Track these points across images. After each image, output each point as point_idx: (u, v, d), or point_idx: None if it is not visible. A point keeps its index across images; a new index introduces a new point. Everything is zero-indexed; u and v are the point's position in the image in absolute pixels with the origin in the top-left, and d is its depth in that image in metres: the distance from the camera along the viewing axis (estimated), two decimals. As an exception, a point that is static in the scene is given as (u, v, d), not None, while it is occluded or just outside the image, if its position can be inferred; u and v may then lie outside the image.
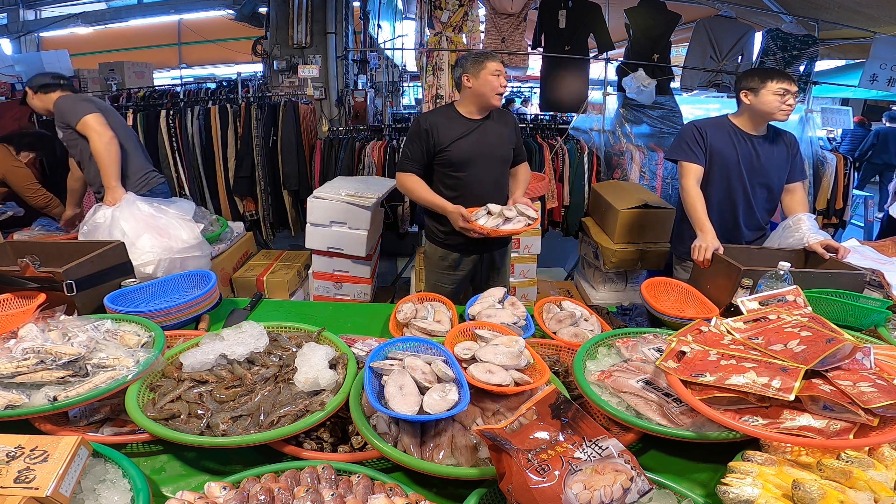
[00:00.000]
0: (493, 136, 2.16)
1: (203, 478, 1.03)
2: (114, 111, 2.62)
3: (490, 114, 2.18)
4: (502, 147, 2.20)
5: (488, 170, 2.18)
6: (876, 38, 4.30)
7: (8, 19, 6.61)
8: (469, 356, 1.25)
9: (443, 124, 2.11)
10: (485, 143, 2.14)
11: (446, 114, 2.16)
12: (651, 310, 1.73)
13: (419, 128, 2.12)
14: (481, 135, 2.14)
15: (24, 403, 1.07)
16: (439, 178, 2.19)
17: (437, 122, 2.12)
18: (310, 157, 4.18)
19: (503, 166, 2.25)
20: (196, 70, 8.54)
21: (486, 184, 2.18)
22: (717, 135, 2.12)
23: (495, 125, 2.18)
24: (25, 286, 1.52)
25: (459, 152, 2.11)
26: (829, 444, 0.92)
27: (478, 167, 2.15)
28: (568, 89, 4.44)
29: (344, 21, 4.45)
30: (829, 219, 4.48)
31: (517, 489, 0.83)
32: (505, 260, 2.43)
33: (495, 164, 2.20)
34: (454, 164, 2.13)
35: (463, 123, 2.13)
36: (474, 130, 2.13)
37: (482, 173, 2.16)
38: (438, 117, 2.14)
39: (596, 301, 3.21)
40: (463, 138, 2.11)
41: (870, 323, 1.57)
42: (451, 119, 2.14)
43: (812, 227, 2.01)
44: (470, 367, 1.19)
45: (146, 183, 2.55)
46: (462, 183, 2.15)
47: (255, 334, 1.34)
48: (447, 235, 2.23)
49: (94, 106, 2.37)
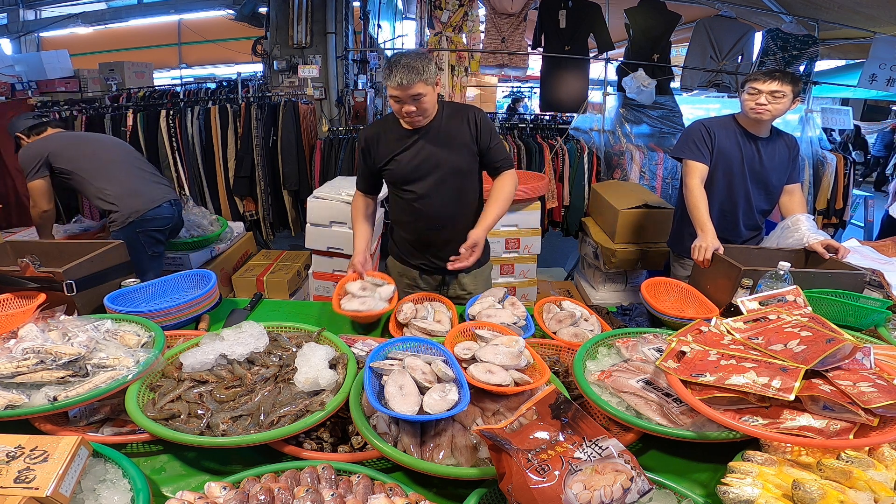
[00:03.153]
0: (440, 143, 1.81)
1: (203, 478, 1.03)
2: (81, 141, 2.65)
3: (437, 121, 1.81)
4: (454, 156, 1.82)
5: (440, 186, 1.84)
6: (875, 38, 4.30)
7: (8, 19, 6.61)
8: (469, 356, 1.26)
9: (381, 137, 1.86)
10: (429, 154, 1.81)
11: (384, 125, 1.88)
12: (651, 310, 1.73)
13: (360, 142, 1.93)
14: (422, 145, 1.81)
15: (24, 403, 1.07)
16: (392, 200, 1.97)
17: (375, 135, 1.87)
18: (310, 157, 4.18)
19: (461, 179, 1.87)
20: (196, 70, 8.53)
21: (441, 204, 1.86)
22: (725, 135, 2.13)
23: (445, 128, 1.82)
24: (25, 286, 1.53)
25: (399, 169, 1.83)
26: (829, 444, 0.92)
27: (425, 184, 1.84)
28: (568, 89, 4.44)
29: (344, 21, 4.45)
30: (829, 219, 4.49)
31: (517, 489, 0.83)
32: (478, 279, 2.06)
33: (448, 178, 1.84)
34: (397, 184, 1.88)
35: (401, 134, 1.83)
36: (415, 142, 1.81)
37: (432, 191, 1.84)
38: (376, 129, 1.89)
39: (596, 301, 3.21)
40: (402, 153, 1.82)
41: (870, 323, 1.57)
42: (388, 131, 1.85)
43: (811, 227, 2.01)
44: (470, 367, 1.19)
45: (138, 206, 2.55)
46: (412, 205, 1.88)
47: (255, 334, 1.34)
48: (406, 254, 2.02)
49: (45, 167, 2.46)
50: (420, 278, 2.05)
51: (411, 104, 1.69)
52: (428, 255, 1.98)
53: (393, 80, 1.64)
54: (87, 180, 2.51)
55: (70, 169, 2.49)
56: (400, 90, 1.65)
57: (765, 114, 2.00)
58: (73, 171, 2.50)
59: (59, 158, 2.48)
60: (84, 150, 2.57)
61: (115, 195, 2.52)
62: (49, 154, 2.46)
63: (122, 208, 2.51)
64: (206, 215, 3.22)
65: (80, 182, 2.52)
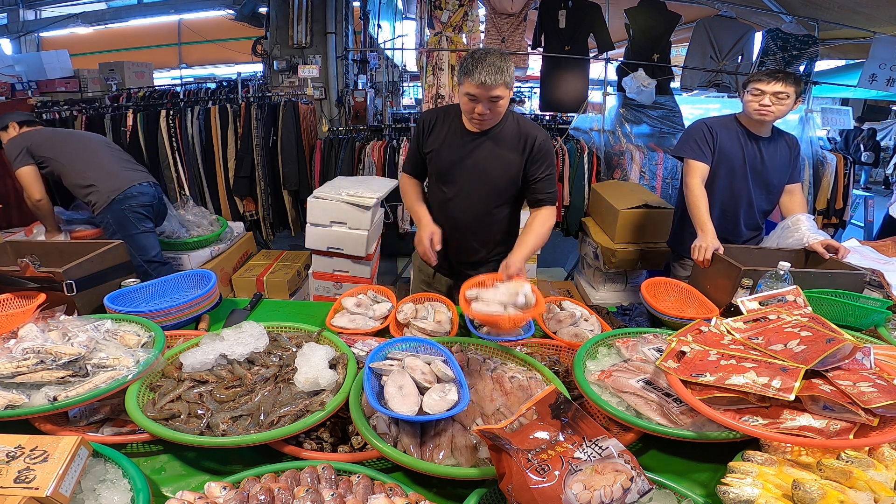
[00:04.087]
0: (490, 156, 1.77)
1: (203, 478, 1.03)
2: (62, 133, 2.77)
3: (498, 131, 1.76)
4: (497, 173, 1.79)
5: (472, 196, 1.82)
6: (875, 38, 4.30)
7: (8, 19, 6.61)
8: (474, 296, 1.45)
9: (438, 125, 1.82)
10: (474, 161, 1.78)
11: (447, 114, 1.83)
12: (651, 310, 1.73)
13: (418, 122, 1.90)
14: (473, 150, 1.78)
15: (24, 403, 1.07)
16: (429, 187, 1.95)
17: (433, 119, 1.84)
18: (310, 157, 4.18)
19: (495, 198, 1.84)
20: (196, 70, 8.54)
21: (467, 213, 1.84)
22: (726, 135, 2.12)
23: (501, 144, 1.77)
24: (25, 286, 1.52)
25: (439, 162, 1.81)
26: (829, 444, 0.92)
27: (457, 187, 1.82)
28: (568, 89, 4.44)
29: (344, 21, 4.46)
30: (829, 219, 4.48)
31: (517, 489, 0.83)
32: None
33: (482, 192, 1.81)
34: (435, 175, 1.87)
35: (457, 129, 1.80)
36: (468, 143, 1.78)
37: (463, 197, 1.83)
38: (437, 114, 1.84)
39: (596, 301, 3.21)
40: (449, 147, 1.79)
41: (870, 323, 1.57)
42: (447, 120, 1.82)
43: (811, 227, 2.01)
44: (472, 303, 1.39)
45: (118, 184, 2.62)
46: (442, 203, 1.87)
47: (255, 334, 1.34)
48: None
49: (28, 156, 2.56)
50: (434, 277, 2.06)
51: (486, 105, 1.62)
52: (448, 254, 1.94)
53: (475, 78, 1.55)
54: (67, 165, 2.60)
55: (50, 156, 2.59)
56: (481, 89, 1.57)
57: (769, 115, 1.99)
58: (53, 158, 2.59)
59: (40, 147, 2.58)
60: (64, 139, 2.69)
61: (94, 177, 2.60)
62: (31, 143, 2.57)
63: (101, 188, 2.59)
64: (206, 215, 3.22)
65: (60, 167, 2.60)
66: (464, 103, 1.67)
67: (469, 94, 1.61)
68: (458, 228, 1.88)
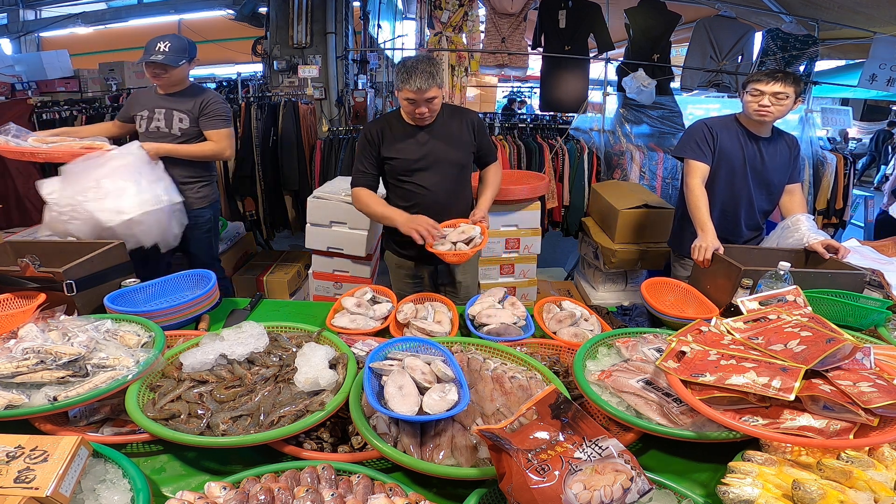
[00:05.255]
0: (443, 139, 2.01)
1: (203, 478, 1.03)
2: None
3: (440, 119, 2.01)
4: (456, 152, 2.04)
5: (442, 178, 2.03)
6: (875, 38, 4.30)
7: (8, 19, 6.61)
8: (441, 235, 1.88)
9: (386, 132, 2.00)
10: (432, 148, 2.00)
11: (387, 121, 2.03)
12: (651, 310, 1.73)
13: (363, 138, 2.03)
14: (426, 139, 1.99)
15: (24, 403, 1.07)
16: (391, 189, 2.10)
17: (379, 129, 2.00)
18: (310, 157, 4.18)
19: (459, 172, 2.08)
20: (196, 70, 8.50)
21: (442, 194, 2.05)
22: (727, 135, 2.12)
23: (447, 127, 2.02)
24: (25, 286, 1.52)
25: (404, 161, 2.00)
26: (829, 444, 0.92)
27: (427, 175, 2.02)
28: (568, 89, 4.44)
29: (344, 21, 4.45)
30: (829, 219, 4.49)
31: (517, 489, 0.83)
32: (467, 268, 2.28)
33: (449, 171, 2.04)
34: (400, 175, 2.03)
35: (406, 129, 1.99)
36: (419, 136, 1.99)
37: (434, 183, 2.03)
38: (380, 125, 2.02)
39: (596, 301, 3.21)
40: (408, 146, 1.99)
41: (870, 323, 1.57)
42: (392, 126, 2.01)
43: (811, 227, 2.01)
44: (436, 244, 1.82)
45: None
46: (413, 195, 2.04)
47: (255, 334, 1.34)
48: (402, 245, 2.14)
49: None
50: (416, 267, 2.19)
51: (425, 106, 1.87)
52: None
53: (412, 85, 1.80)
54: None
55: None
56: (418, 94, 1.82)
57: (768, 116, 1.99)
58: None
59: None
60: None
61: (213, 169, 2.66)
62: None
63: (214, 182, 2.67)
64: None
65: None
66: (405, 106, 1.91)
67: (409, 99, 1.86)
68: (436, 211, 2.01)
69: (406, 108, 1.91)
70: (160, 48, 2.28)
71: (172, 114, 2.41)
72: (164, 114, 2.41)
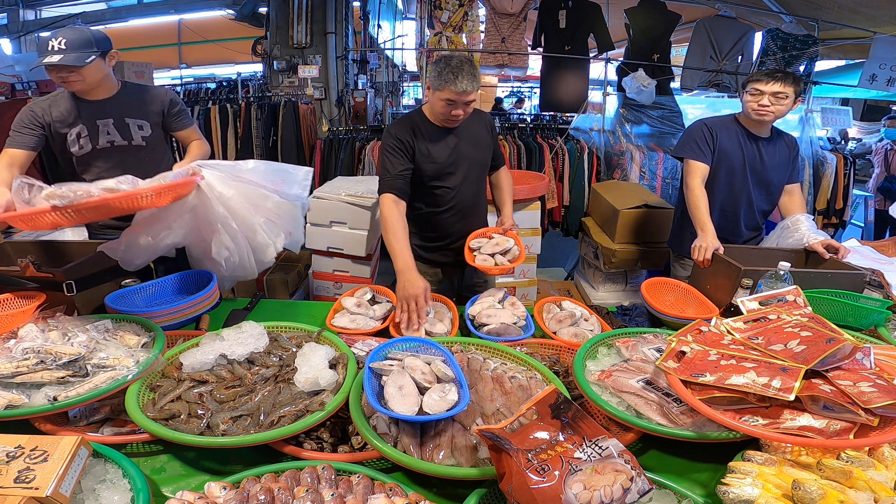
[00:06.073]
0: (469, 141, 1.96)
1: (203, 478, 1.03)
2: None
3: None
4: (480, 152, 2.01)
5: (470, 179, 1.99)
6: (876, 38, 4.30)
7: (8, 19, 6.62)
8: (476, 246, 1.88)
9: (418, 135, 1.88)
10: (461, 150, 1.94)
11: (414, 123, 1.90)
12: (651, 310, 1.73)
13: (391, 139, 1.87)
14: (455, 142, 1.92)
15: (24, 403, 1.07)
16: (419, 196, 1.97)
17: (410, 132, 1.88)
18: (310, 157, 4.19)
19: (481, 172, 2.06)
20: (196, 70, 8.54)
21: (470, 195, 2.01)
22: (726, 135, 2.12)
23: (470, 129, 1.96)
24: (25, 286, 1.52)
25: (435, 164, 1.91)
26: (829, 444, 0.92)
27: (456, 177, 1.95)
28: (568, 89, 4.44)
29: (344, 21, 4.46)
30: (829, 219, 4.49)
31: (517, 489, 0.83)
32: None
33: (474, 172, 2.00)
34: (430, 179, 1.93)
35: (436, 131, 1.89)
36: (449, 139, 1.91)
37: (462, 184, 1.97)
38: (409, 127, 1.89)
39: (596, 301, 3.21)
40: (437, 146, 1.89)
41: (870, 323, 1.57)
42: (421, 128, 1.89)
43: (811, 227, 2.01)
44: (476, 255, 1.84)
45: None
46: (443, 199, 1.97)
47: (255, 334, 1.34)
48: (429, 252, 2.06)
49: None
50: (443, 273, 2.13)
51: (461, 108, 1.78)
52: (452, 247, 2.04)
53: (457, 86, 1.70)
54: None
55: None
56: (461, 96, 1.72)
57: (768, 115, 1.99)
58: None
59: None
60: None
61: None
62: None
63: None
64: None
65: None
66: (441, 106, 1.78)
67: (448, 100, 1.75)
68: (464, 214, 2.02)
69: (441, 108, 1.78)
70: (53, 46, 1.72)
71: (126, 122, 1.93)
72: (115, 124, 1.91)
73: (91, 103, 1.89)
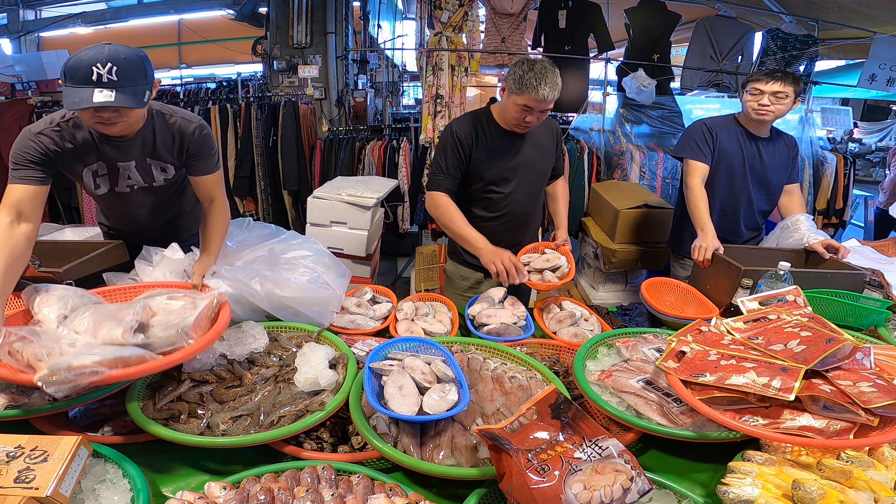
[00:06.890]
0: (534, 148, 1.88)
1: (203, 478, 1.03)
2: None
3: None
4: (543, 161, 1.93)
5: (527, 187, 1.91)
6: (875, 39, 4.30)
7: (8, 19, 6.62)
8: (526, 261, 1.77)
9: (479, 135, 1.81)
10: (525, 157, 1.86)
11: (478, 122, 1.83)
12: (651, 310, 1.73)
13: (451, 136, 1.81)
14: (520, 147, 1.85)
15: (24, 403, 1.07)
16: (471, 197, 1.91)
17: (472, 132, 1.81)
18: (310, 157, 4.19)
19: (541, 180, 1.98)
20: (196, 70, 8.54)
21: (525, 203, 1.93)
22: (726, 135, 2.12)
23: (536, 135, 1.88)
24: (25, 286, 1.52)
25: (496, 169, 1.84)
26: (829, 444, 0.92)
27: (514, 184, 1.88)
28: (568, 89, 4.43)
29: (344, 21, 4.46)
30: (829, 219, 4.49)
31: (517, 489, 0.83)
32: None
33: (534, 180, 1.93)
34: (485, 183, 1.86)
35: (502, 135, 1.83)
36: (514, 144, 1.84)
37: (519, 191, 1.89)
38: (471, 126, 1.82)
39: (596, 301, 3.21)
40: (500, 150, 1.82)
41: (870, 323, 1.57)
42: (485, 129, 1.82)
43: (811, 227, 2.02)
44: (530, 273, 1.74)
45: None
46: (497, 204, 1.90)
47: (255, 334, 1.34)
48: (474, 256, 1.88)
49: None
50: (485, 280, 1.99)
51: (536, 115, 1.71)
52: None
53: (539, 93, 1.62)
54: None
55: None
56: (540, 103, 1.65)
57: (768, 115, 1.99)
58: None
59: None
60: None
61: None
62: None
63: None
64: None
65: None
66: (516, 111, 1.70)
67: (525, 106, 1.67)
68: (519, 223, 1.96)
69: (514, 112, 1.71)
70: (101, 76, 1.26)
71: (148, 164, 1.58)
72: (136, 166, 1.57)
73: (113, 143, 1.49)
